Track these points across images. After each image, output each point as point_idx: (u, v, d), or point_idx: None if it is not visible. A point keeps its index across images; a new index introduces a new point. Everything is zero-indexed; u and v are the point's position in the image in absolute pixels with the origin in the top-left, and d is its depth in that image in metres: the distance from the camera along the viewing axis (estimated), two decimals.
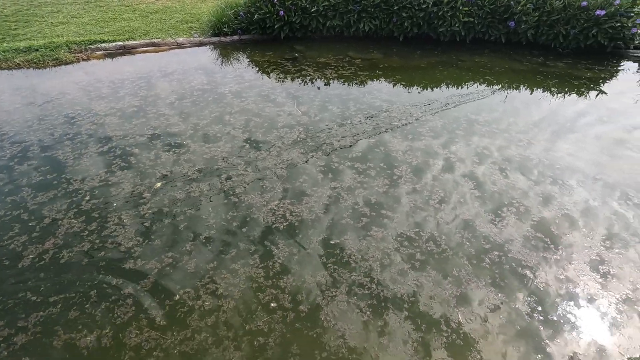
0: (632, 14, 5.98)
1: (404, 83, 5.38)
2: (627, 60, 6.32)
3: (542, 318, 2.32)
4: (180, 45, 6.49)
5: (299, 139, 3.98)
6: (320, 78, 5.41)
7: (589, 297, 2.45)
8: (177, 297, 2.42)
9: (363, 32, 6.81)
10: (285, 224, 2.96)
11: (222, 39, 6.70)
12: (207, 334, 2.21)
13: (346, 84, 5.27)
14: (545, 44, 6.49)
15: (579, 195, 3.30)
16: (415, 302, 2.39)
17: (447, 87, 5.32)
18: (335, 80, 5.35)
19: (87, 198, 3.18)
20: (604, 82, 5.58)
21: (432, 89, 5.23)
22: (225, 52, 6.44)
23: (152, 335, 2.21)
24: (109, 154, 3.73)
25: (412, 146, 3.89)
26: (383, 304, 2.37)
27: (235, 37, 6.75)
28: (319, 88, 5.06)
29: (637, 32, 6.14)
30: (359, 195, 3.23)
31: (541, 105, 4.84)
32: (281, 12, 6.37)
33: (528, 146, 3.93)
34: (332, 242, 2.81)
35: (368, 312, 2.32)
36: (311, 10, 6.45)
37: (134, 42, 6.32)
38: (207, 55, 6.26)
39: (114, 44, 6.20)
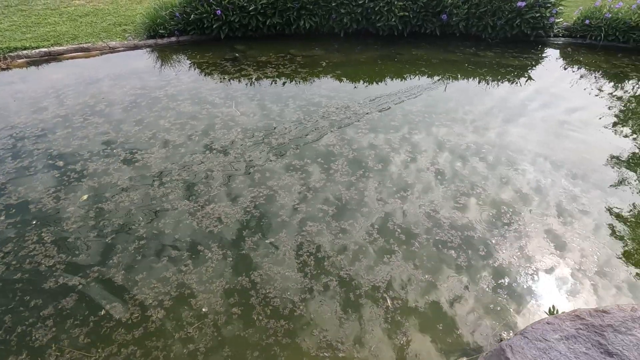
0: (549, 5, 6.45)
1: (344, 78, 5.47)
2: (549, 48, 6.82)
3: (506, 292, 2.47)
4: (113, 50, 6.18)
5: (236, 140, 3.93)
6: (261, 77, 5.37)
7: (547, 268, 2.65)
8: (102, 313, 2.32)
9: (304, 30, 6.83)
10: (219, 226, 2.92)
11: (159, 41, 6.46)
12: (135, 347, 2.14)
13: (286, 81, 5.27)
14: (476, 34, 6.85)
15: (531, 175, 3.55)
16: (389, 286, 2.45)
17: (386, 80, 5.47)
18: (276, 78, 5.33)
19: (2, 218, 2.96)
20: (531, 69, 5.99)
21: (372, 84, 5.35)
22: (163, 54, 6.21)
23: (75, 356, 2.11)
24: (29, 169, 3.48)
25: (348, 139, 3.97)
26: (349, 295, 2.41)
27: (173, 39, 6.53)
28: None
29: (554, 21, 6.64)
30: (295, 192, 3.25)
31: (476, 93, 5.11)
32: (218, 12, 6.24)
33: (476, 133, 4.14)
34: (267, 241, 2.81)
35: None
36: (249, 9, 6.38)
37: (60, 47, 5.93)
38: (142, 59, 6.01)
39: (37, 50, 5.79)
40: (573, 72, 5.92)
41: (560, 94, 5.16)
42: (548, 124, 4.37)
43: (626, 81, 5.58)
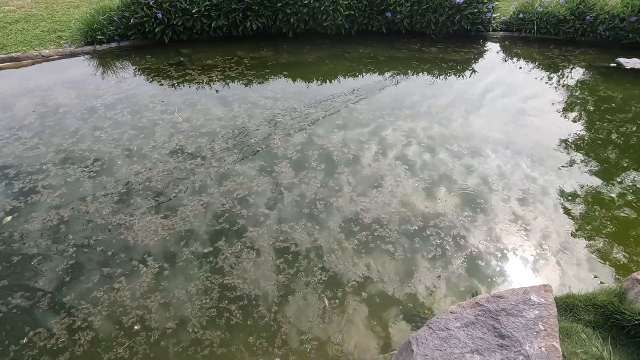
0: (485, 1, 6.75)
1: (291, 79, 5.46)
2: (489, 42, 7.15)
3: (479, 272, 2.62)
4: (46, 58, 5.82)
5: (177, 148, 3.83)
6: (206, 81, 5.26)
7: (513, 248, 2.81)
8: (24, 341, 2.19)
9: (252, 31, 6.75)
10: (155, 239, 2.84)
11: (98, 47, 6.16)
12: None
13: (232, 84, 5.20)
14: (421, 31, 7.05)
15: (493, 162, 3.73)
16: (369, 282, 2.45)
17: (334, 80, 5.52)
18: (221, 82, 5.23)
19: None
20: (474, 63, 6.25)
21: (320, 83, 5.38)
22: (102, 61, 5.93)
23: None
24: None
25: (293, 141, 3.98)
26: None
27: (113, 45, 6.25)
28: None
29: (492, 16, 6.97)
30: (236, 199, 3.22)
31: (422, 88, 5.26)
32: (159, 15, 6.04)
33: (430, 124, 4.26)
34: (205, 251, 2.76)
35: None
36: (192, 12, 6.21)
37: None
38: (79, 67, 5.70)
39: None
40: (513, 64, 6.24)
41: (501, 84, 5.42)
42: (489, 116, 4.58)
43: (560, 71, 5.94)
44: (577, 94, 5.30)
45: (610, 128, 4.42)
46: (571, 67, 6.10)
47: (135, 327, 2.26)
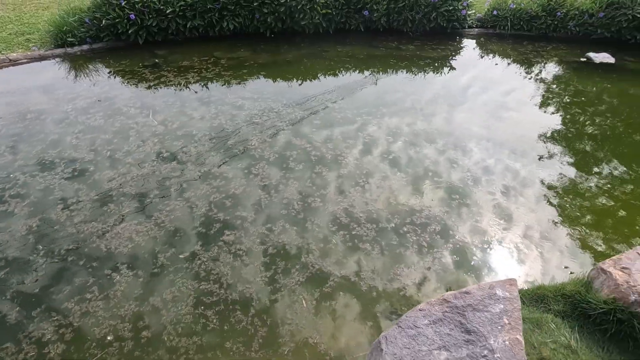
0: None
1: (269, 79, 5.43)
2: (465, 38, 7.25)
3: (465, 265, 2.66)
4: (14, 62, 5.62)
5: (152, 152, 3.76)
6: (182, 83, 5.17)
7: (498, 239, 2.89)
8: None
9: (229, 31, 6.67)
10: (130, 246, 2.78)
11: (69, 50, 5.97)
12: None
13: (209, 85, 5.13)
14: (398, 29, 7.10)
15: (477, 156, 3.80)
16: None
17: (312, 79, 5.51)
18: (197, 83, 5.16)
19: None
20: (451, 59, 6.33)
21: (299, 82, 5.36)
22: (74, 64, 5.76)
23: None
24: None
25: (273, 143, 3.95)
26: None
27: (85, 47, 6.08)
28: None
29: (467, 13, 7.07)
30: (214, 202, 3.18)
31: (405, 85, 5.30)
32: (132, 16, 5.90)
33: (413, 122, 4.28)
34: (181, 256, 2.72)
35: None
36: (166, 12, 6.09)
37: None
38: (49, 71, 5.53)
39: None
40: (489, 60, 6.35)
41: (479, 80, 5.51)
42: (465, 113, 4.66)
43: (534, 66, 6.08)
44: (552, 88, 5.43)
45: (584, 120, 4.55)
46: (544, 62, 6.24)
47: (109, 338, 2.21)
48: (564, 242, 2.89)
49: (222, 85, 5.15)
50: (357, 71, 5.76)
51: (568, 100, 5.10)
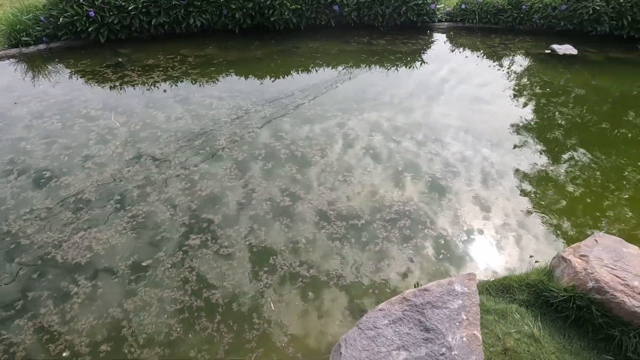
0: None
1: (238, 76, 5.31)
2: (436, 32, 7.32)
3: (448, 255, 2.69)
4: None
5: (113, 156, 3.60)
6: (146, 82, 4.98)
7: (478, 229, 2.91)
8: None
9: (196, 28, 6.48)
10: (88, 255, 2.64)
11: (24, 49, 5.65)
12: None
13: (175, 84, 4.96)
14: (369, 23, 7.09)
15: (455, 148, 3.83)
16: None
17: (282, 76, 5.42)
18: (163, 83, 4.98)
19: None
20: (421, 53, 6.37)
21: (267, 80, 5.27)
22: (31, 65, 5.46)
23: None
24: None
25: (241, 142, 3.86)
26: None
27: (42, 46, 5.76)
28: (164, 91, 4.65)
29: (436, 7, 7.13)
30: (179, 207, 3.07)
31: (379, 80, 5.28)
32: (91, 13, 5.63)
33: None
34: (144, 264, 2.61)
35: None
36: (129, 9, 5.85)
37: None
38: (2, 72, 5.22)
39: None
40: (459, 53, 6.43)
41: (450, 73, 5.56)
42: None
43: (502, 59, 6.19)
44: (520, 80, 5.55)
45: (553, 111, 4.67)
46: (512, 55, 6.37)
47: (64, 354, 2.09)
48: (536, 230, 2.94)
49: (189, 84, 5.00)
50: (330, 67, 5.71)
51: (537, 91, 5.22)
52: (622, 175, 3.52)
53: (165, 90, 4.78)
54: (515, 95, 5.07)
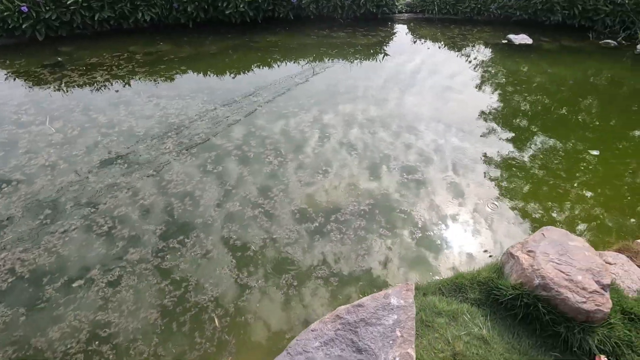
0: None
1: (189, 74, 5.03)
2: (397, 24, 7.27)
3: (426, 243, 2.67)
4: None
5: (46, 165, 3.29)
6: (87, 83, 4.62)
7: (453, 215, 2.89)
8: None
9: (146, 23, 6.12)
10: (10, 280, 2.38)
11: None
12: None
13: (119, 84, 4.64)
14: (329, 16, 6.94)
15: (428, 137, 3.81)
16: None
17: (237, 72, 5.19)
18: (106, 83, 4.64)
19: None
20: (378, 46, 6.28)
21: (220, 77, 5.02)
22: None
23: None
24: None
25: (187, 143, 3.63)
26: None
27: None
28: (116, 91, 4.30)
29: None
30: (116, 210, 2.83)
31: (340, 74, 5.14)
32: (24, 8, 5.17)
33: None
34: (74, 285, 2.38)
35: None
36: (68, 3, 5.42)
37: None
38: None
39: None
40: (422, 44, 6.39)
41: (410, 66, 5.50)
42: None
43: (462, 50, 6.20)
44: (478, 70, 5.56)
45: (517, 99, 4.71)
46: (471, 45, 6.40)
47: None
48: (510, 214, 2.94)
49: (135, 84, 4.68)
50: (291, 62, 5.52)
51: (498, 81, 5.26)
52: (580, 158, 3.56)
53: (116, 91, 4.45)
54: (476, 85, 5.07)
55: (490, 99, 4.68)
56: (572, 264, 1.88)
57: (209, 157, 3.45)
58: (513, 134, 3.97)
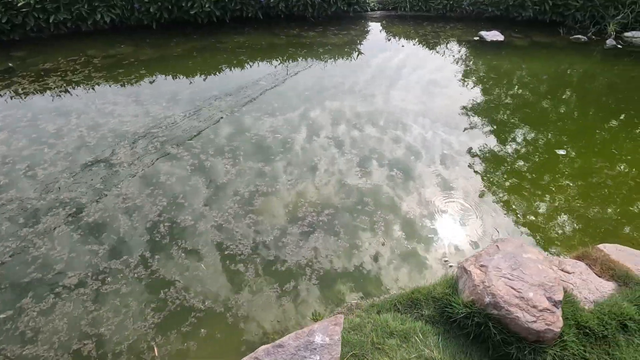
0: None
1: (150, 78, 4.81)
2: (369, 22, 7.14)
3: (416, 237, 2.65)
4: None
5: None
6: (38, 90, 4.37)
7: (443, 208, 2.86)
8: None
9: (106, 24, 5.85)
10: None
11: None
12: None
13: (72, 91, 4.39)
14: (299, 15, 6.77)
15: (416, 131, 3.79)
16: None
17: (201, 74, 5.00)
18: (58, 90, 4.40)
19: None
20: (359, 44, 6.15)
21: (182, 80, 4.82)
22: None
23: None
24: None
25: (141, 153, 3.44)
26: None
27: None
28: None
29: None
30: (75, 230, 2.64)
31: (312, 75, 4.98)
32: None
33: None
34: (2, 316, 2.19)
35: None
36: (18, 5, 5.13)
37: None
38: None
39: None
40: (397, 42, 6.28)
41: (383, 66, 5.39)
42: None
43: (435, 47, 6.11)
44: (453, 67, 5.48)
45: (499, 93, 4.66)
46: (445, 42, 6.33)
47: None
48: (492, 207, 2.90)
49: (90, 90, 4.45)
50: (258, 63, 5.34)
51: (471, 79, 5.17)
52: (547, 158, 3.51)
53: (75, 96, 4.21)
54: (462, 82, 5.00)
55: (460, 100, 4.59)
56: (525, 279, 1.79)
57: (161, 170, 3.27)
58: (496, 128, 3.91)
